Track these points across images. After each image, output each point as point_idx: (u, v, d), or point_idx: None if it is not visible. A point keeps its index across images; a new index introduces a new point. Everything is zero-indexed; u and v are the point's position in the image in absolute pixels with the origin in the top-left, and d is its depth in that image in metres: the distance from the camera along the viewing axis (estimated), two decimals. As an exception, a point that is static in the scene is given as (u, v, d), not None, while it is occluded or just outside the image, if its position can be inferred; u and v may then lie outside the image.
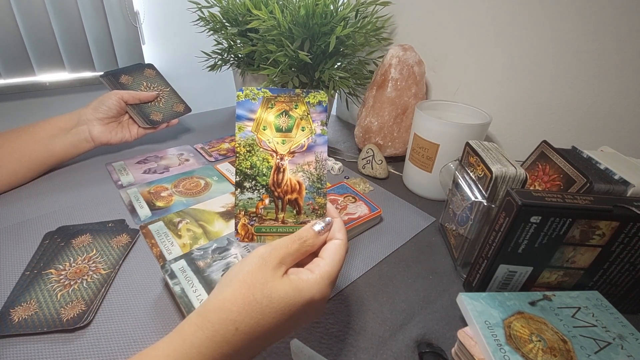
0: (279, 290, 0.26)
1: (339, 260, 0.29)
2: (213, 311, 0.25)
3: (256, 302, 0.25)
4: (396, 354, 0.35)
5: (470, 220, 0.42)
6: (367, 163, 0.66)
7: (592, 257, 0.36)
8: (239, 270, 0.27)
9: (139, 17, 1.58)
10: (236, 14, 0.76)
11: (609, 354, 0.30)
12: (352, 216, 0.50)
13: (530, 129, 0.59)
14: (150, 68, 0.74)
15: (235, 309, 0.25)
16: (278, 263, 0.27)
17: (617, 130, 0.51)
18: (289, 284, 0.26)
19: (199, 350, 0.24)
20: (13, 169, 0.55)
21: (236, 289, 0.26)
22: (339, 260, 0.29)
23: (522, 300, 0.35)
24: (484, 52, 0.62)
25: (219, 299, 0.26)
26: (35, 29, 1.36)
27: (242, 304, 0.25)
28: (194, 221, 0.51)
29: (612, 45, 0.48)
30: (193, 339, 0.24)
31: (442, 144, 0.53)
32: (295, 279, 0.27)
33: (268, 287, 0.26)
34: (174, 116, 0.71)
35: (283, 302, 0.25)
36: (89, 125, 0.60)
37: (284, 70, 0.65)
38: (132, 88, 0.68)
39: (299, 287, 0.26)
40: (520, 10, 0.55)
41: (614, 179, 0.39)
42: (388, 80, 0.65)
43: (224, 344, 0.24)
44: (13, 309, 0.36)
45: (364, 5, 0.68)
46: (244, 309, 0.25)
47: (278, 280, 0.26)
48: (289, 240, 0.29)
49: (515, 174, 0.39)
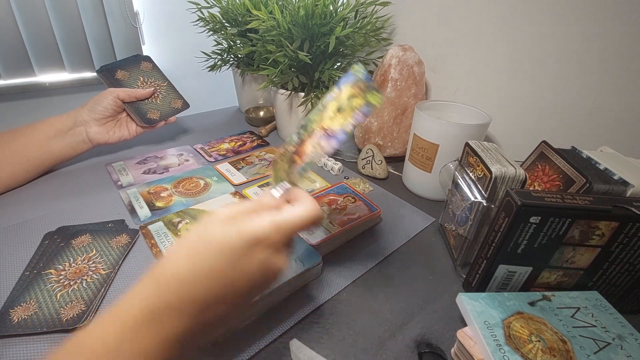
0: (217, 231, 0.25)
1: (296, 216, 0.28)
2: (158, 265, 0.26)
3: (194, 245, 0.25)
4: (396, 354, 0.35)
5: (469, 220, 0.42)
6: (367, 163, 0.66)
7: (591, 258, 0.36)
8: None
9: (138, 18, 1.58)
10: (236, 15, 0.76)
11: (609, 354, 0.30)
12: (351, 216, 0.50)
13: (530, 129, 0.60)
14: (146, 61, 0.72)
15: (175, 256, 0.25)
16: (228, 216, 0.27)
17: (616, 131, 0.51)
18: (229, 226, 0.26)
19: (142, 297, 0.24)
20: (11, 171, 0.55)
21: (180, 241, 0.26)
22: (296, 216, 0.28)
23: (522, 300, 0.35)
24: (483, 53, 0.62)
25: (166, 255, 0.26)
26: (36, 29, 1.36)
27: (181, 249, 0.26)
28: (193, 221, 0.51)
29: (612, 45, 0.48)
30: (138, 289, 0.25)
31: (441, 144, 0.53)
32: (240, 222, 0.26)
33: (208, 230, 0.26)
34: (172, 113, 0.70)
35: (221, 242, 0.25)
36: (85, 126, 0.60)
37: (284, 70, 0.65)
38: (128, 84, 0.67)
39: (240, 227, 0.26)
40: (520, 10, 0.55)
41: (614, 179, 0.39)
42: (388, 81, 0.65)
43: (166, 292, 0.24)
44: (13, 309, 0.36)
45: (364, 5, 0.68)
46: (183, 254, 0.25)
47: (219, 225, 0.26)
48: (248, 201, 0.29)
49: (515, 174, 0.39)
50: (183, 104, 0.72)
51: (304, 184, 0.62)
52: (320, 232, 0.46)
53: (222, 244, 0.25)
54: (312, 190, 0.59)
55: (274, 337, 0.36)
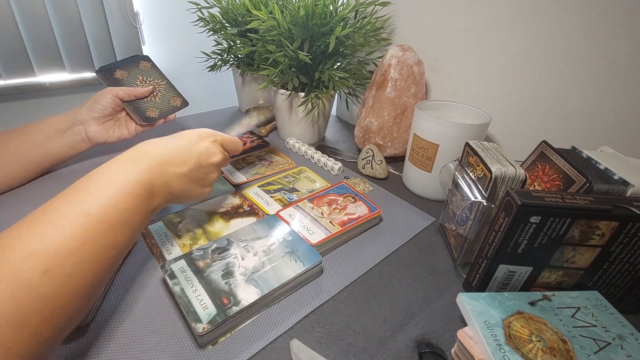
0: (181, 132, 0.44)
1: (225, 136, 0.47)
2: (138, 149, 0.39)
3: (164, 138, 0.42)
4: (396, 354, 0.35)
5: (470, 220, 0.42)
6: (367, 163, 0.66)
7: (591, 257, 0.36)
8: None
9: (138, 18, 1.58)
10: (236, 15, 0.76)
11: (609, 354, 0.30)
12: (352, 216, 0.50)
13: (530, 129, 0.60)
14: (145, 60, 0.72)
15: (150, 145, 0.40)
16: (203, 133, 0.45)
17: (617, 130, 0.51)
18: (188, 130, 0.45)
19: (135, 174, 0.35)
20: (10, 170, 0.54)
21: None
22: (225, 136, 0.47)
23: (522, 300, 0.35)
24: (483, 52, 0.62)
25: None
26: (36, 29, 1.36)
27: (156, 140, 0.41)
28: (193, 221, 0.51)
29: (612, 45, 0.48)
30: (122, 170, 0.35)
31: (441, 144, 0.53)
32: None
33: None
34: (171, 111, 0.69)
35: (182, 133, 0.44)
36: (85, 126, 0.60)
37: (284, 70, 0.65)
38: (127, 83, 0.67)
39: (194, 130, 0.45)
40: (520, 10, 0.55)
41: (614, 179, 0.39)
42: (387, 81, 0.65)
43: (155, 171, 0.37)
44: (12, 309, 0.36)
45: (364, 5, 0.68)
46: (156, 143, 0.41)
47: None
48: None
49: (515, 174, 0.39)
50: (182, 102, 0.72)
51: (305, 184, 0.62)
52: (320, 232, 0.46)
53: (179, 136, 0.43)
54: (312, 190, 0.60)
55: (274, 337, 0.36)
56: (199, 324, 0.33)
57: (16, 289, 0.23)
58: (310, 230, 0.47)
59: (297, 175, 0.65)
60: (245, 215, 0.53)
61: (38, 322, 0.24)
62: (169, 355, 0.33)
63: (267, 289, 0.37)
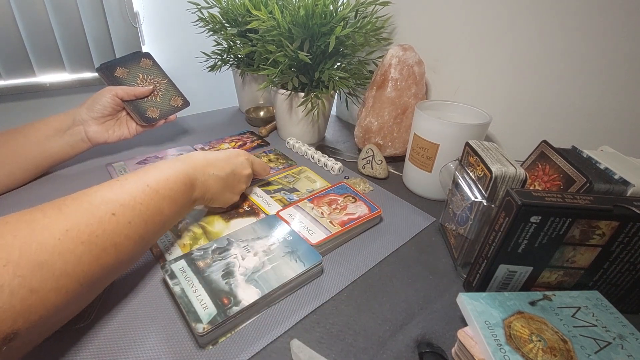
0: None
1: (256, 159, 0.55)
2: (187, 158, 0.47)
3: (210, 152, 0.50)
4: (396, 354, 0.35)
5: (470, 220, 0.42)
6: (367, 163, 0.66)
7: (592, 257, 0.36)
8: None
9: (138, 18, 1.58)
10: (236, 15, 0.76)
11: (609, 353, 0.30)
12: (352, 216, 0.50)
13: (530, 129, 0.59)
14: (146, 58, 0.71)
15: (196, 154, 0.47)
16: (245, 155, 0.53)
17: (617, 130, 0.51)
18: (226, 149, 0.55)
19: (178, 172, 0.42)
20: (9, 170, 0.54)
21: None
22: (256, 159, 0.55)
23: (522, 300, 0.35)
24: (484, 52, 0.62)
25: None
26: (36, 29, 1.36)
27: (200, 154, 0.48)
28: (194, 221, 0.51)
29: (612, 45, 0.48)
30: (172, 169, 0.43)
31: (442, 144, 0.53)
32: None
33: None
34: (172, 111, 0.69)
35: (221, 151, 0.51)
36: (84, 126, 0.59)
37: (284, 70, 0.65)
38: (127, 82, 0.66)
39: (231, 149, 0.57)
40: (521, 10, 0.55)
41: (614, 179, 0.39)
42: (388, 80, 0.65)
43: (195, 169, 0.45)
44: (13, 309, 0.36)
45: (364, 5, 0.68)
46: (203, 152, 0.48)
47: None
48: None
49: (515, 173, 0.39)
50: (183, 102, 0.71)
51: (305, 184, 0.62)
52: (320, 232, 0.46)
53: (222, 151, 0.50)
54: (313, 190, 0.60)
55: (274, 337, 0.36)
56: (199, 324, 0.33)
57: (91, 222, 0.32)
58: (310, 230, 0.47)
59: (297, 175, 0.65)
60: (245, 216, 0.53)
61: (100, 250, 0.32)
62: (169, 355, 0.33)
63: (267, 289, 0.37)
